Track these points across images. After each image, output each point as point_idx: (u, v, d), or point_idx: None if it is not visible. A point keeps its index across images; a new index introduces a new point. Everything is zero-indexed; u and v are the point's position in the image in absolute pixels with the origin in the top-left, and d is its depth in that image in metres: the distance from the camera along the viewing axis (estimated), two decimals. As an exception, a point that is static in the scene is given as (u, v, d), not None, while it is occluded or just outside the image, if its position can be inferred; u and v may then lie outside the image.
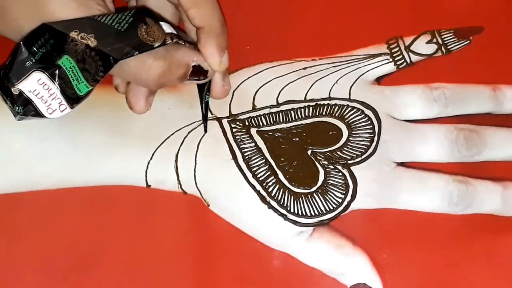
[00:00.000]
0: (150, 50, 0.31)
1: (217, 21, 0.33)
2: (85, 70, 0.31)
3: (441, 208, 0.36)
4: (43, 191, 0.36)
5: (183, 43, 0.33)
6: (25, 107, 0.31)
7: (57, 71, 0.30)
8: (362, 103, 0.37)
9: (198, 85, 0.35)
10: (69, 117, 0.35)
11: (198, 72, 0.34)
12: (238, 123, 0.37)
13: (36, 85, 0.30)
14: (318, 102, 0.37)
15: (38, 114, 0.31)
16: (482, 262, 0.36)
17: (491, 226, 0.36)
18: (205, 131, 0.36)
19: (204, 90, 0.36)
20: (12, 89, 0.30)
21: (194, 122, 0.37)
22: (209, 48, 0.33)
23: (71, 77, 0.31)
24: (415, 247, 0.36)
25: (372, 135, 0.36)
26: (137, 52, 0.30)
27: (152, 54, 0.31)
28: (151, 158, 0.36)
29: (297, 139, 0.36)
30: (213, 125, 0.37)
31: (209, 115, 0.37)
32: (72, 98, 0.31)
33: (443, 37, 0.39)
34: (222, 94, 0.36)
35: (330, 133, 0.37)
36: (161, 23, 0.32)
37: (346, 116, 0.37)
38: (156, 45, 0.31)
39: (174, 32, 0.33)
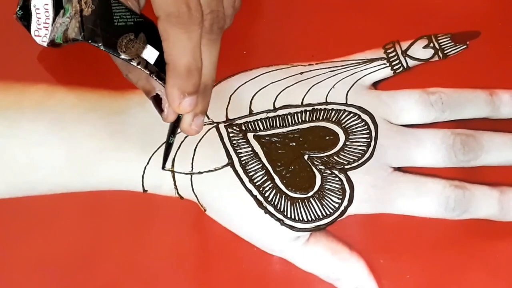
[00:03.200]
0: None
1: (183, 62, 0.32)
2: (67, 27, 0.33)
3: (438, 213, 0.36)
4: (39, 196, 0.36)
5: (149, 74, 0.33)
6: (23, 14, 0.36)
7: (61, 10, 0.34)
8: (359, 108, 0.37)
9: (170, 124, 0.35)
10: (65, 122, 0.35)
11: (157, 103, 0.34)
12: (234, 127, 0.37)
13: (42, 6, 0.35)
14: (315, 107, 0.37)
15: (28, 27, 0.36)
16: (479, 267, 0.36)
17: (488, 231, 0.36)
18: (162, 168, 0.35)
19: (172, 131, 0.35)
20: None
21: (191, 127, 0.36)
22: (169, 88, 0.32)
23: (63, 22, 0.34)
24: (412, 252, 0.36)
25: (369, 140, 0.36)
26: (103, 47, 0.32)
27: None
28: (147, 163, 0.36)
29: (294, 143, 0.36)
30: (210, 130, 0.37)
31: (206, 119, 0.37)
32: (52, 39, 0.35)
33: (440, 41, 0.39)
34: (189, 132, 0.35)
35: (327, 137, 0.36)
36: (150, 47, 0.33)
37: (343, 121, 0.37)
38: (122, 56, 0.32)
39: (152, 61, 0.33)
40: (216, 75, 0.34)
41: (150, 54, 0.33)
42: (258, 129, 0.37)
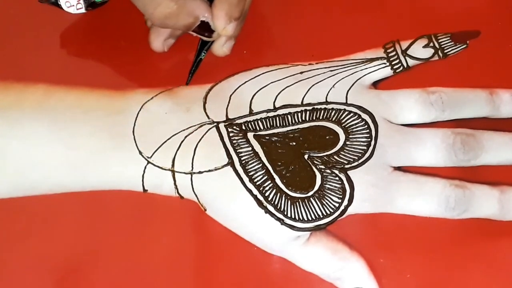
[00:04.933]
0: None
1: None
2: None
3: (438, 212, 0.35)
4: (39, 196, 0.36)
5: None
6: None
7: None
8: (359, 107, 0.37)
9: (201, 40, 0.38)
10: (65, 122, 0.35)
11: (205, 28, 0.37)
12: (235, 127, 0.37)
13: None
14: (315, 106, 0.37)
15: (56, 3, 0.37)
16: (479, 266, 0.36)
17: (488, 231, 0.36)
18: (187, 83, 0.38)
19: (204, 47, 0.39)
20: None
21: (191, 127, 0.36)
22: (217, 11, 0.36)
23: None
24: (412, 251, 0.36)
25: (369, 140, 0.36)
26: None
27: None
28: (148, 163, 0.36)
29: (294, 143, 0.36)
30: (210, 129, 0.37)
31: (206, 119, 0.37)
32: (90, 2, 0.37)
33: (440, 41, 0.39)
34: (219, 52, 0.40)
35: (327, 137, 0.36)
36: None
37: (343, 121, 0.37)
38: None
39: None
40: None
41: None
42: (258, 128, 0.37)
